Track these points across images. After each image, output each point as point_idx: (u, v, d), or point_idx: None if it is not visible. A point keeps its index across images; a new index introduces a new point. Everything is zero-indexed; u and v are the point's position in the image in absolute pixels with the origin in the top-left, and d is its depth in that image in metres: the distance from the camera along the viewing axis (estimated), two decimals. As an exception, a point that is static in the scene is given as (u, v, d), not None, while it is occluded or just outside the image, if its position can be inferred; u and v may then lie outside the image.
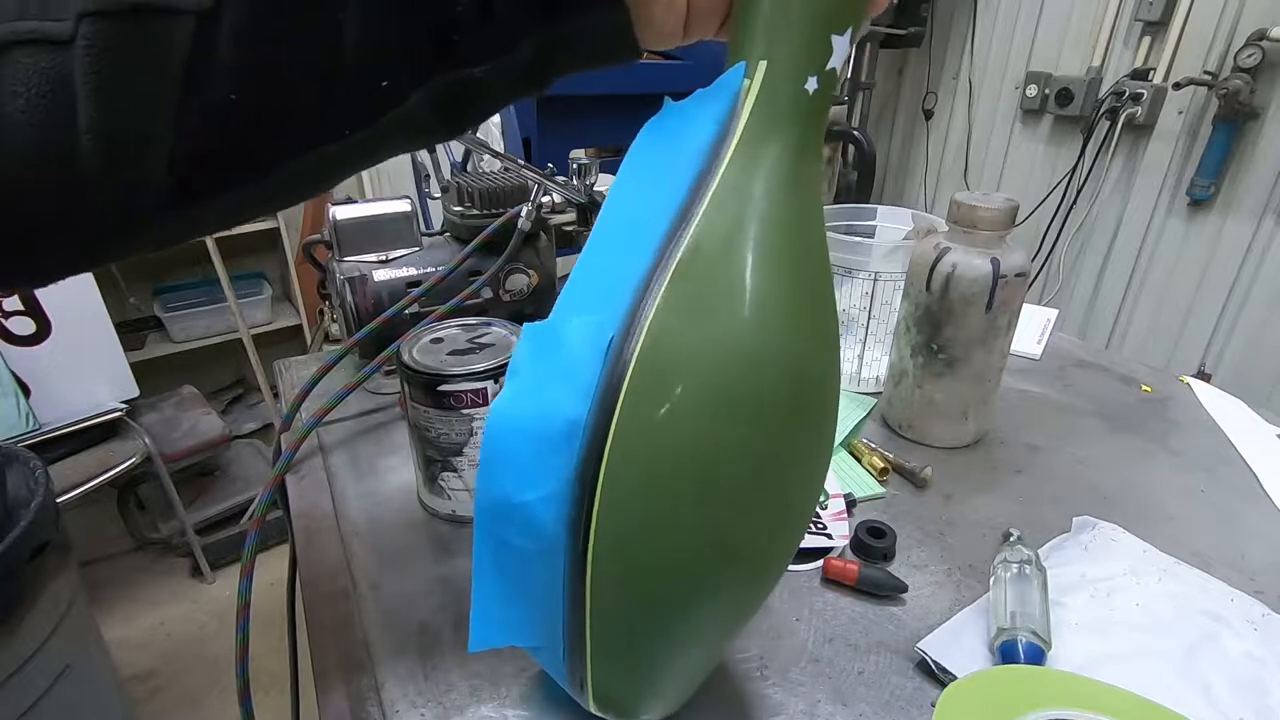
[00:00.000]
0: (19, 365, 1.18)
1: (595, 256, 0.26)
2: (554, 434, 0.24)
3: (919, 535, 0.47)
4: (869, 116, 2.05)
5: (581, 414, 0.24)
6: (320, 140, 0.22)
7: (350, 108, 0.22)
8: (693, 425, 0.23)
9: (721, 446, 0.24)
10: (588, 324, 0.24)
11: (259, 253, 2.09)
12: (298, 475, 0.53)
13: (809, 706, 0.35)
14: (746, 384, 0.24)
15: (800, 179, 0.25)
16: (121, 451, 1.35)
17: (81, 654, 0.91)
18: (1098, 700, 0.31)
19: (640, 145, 0.26)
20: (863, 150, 0.87)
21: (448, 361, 0.44)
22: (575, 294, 0.26)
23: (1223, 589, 0.41)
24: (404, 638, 0.39)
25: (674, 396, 0.23)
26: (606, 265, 0.26)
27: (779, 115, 0.25)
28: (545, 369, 0.25)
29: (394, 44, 0.21)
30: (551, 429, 0.24)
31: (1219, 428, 0.60)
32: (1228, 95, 1.30)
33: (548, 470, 0.24)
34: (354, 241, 0.62)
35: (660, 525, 0.24)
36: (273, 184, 0.23)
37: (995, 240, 0.50)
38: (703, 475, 0.24)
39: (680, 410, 0.23)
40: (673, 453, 0.23)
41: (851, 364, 0.64)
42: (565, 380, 0.24)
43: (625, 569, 0.25)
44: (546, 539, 0.25)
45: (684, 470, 0.24)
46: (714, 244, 0.24)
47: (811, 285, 0.26)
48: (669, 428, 0.23)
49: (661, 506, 0.24)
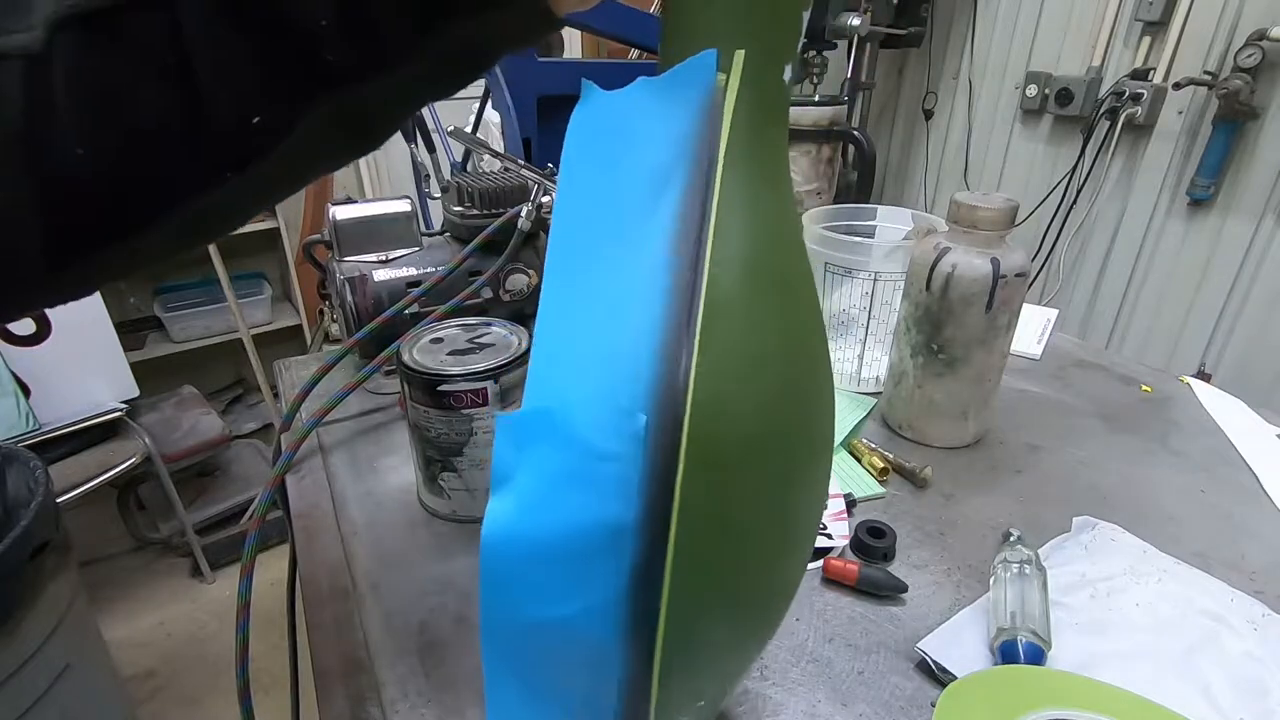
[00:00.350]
0: (19, 365, 1.18)
1: (568, 309, 0.21)
2: (592, 547, 0.20)
3: (919, 535, 0.47)
4: (869, 116, 2.05)
5: (629, 517, 0.20)
6: (198, 187, 0.20)
7: (222, 149, 0.20)
8: (761, 488, 0.22)
9: (790, 503, 0.23)
10: (602, 409, 0.20)
11: (259, 253, 2.09)
12: (298, 475, 0.53)
13: (809, 706, 0.35)
14: (803, 429, 0.22)
15: (788, 185, 0.23)
16: (121, 451, 1.35)
17: (81, 654, 0.91)
18: (1098, 700, 0.31)
19: (581, 156, 0.21)
20: (863, 150, 0.86)
21: (448, 361, 0.44)
22: (555, 366, 0.20)
23: (1223, 589, 0.41)
24: (404, 638, 0.39)
25: (739, 468, 0.21)
26: (589, 320, 0.21)
27: (765, 112, 0.21)
28: (550, 472, 0.20)
29: (253, 75, 0.19)
30: (587, 542, 0.20)
31: (1219, 428, 0.60)
32: (1228, 95, 1.30)
33: (587, 584, 0.21)
34: (354, 241, 0.62)
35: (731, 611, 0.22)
36: (159, 236, 0.21)
37: (995, 240, 0.50)
38: (779, 536, 0.23)
39: (750, 479, 0.21)
40: (749, 526, 0.22)
41: (851, 364, 0.64)
42: (589, 482, 0.20)
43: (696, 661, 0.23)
44: (592, 649, 0.22)
45: (762, 539, 0.22)
46: (733, 278, 0.21)
47: (812, 305, 0.24)
48: (741, 500, 0.21)
49: (736, 585, 0.22)
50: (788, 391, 0.22)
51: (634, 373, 0.20)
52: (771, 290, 0.22)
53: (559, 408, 0.20)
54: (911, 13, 1.76)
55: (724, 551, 0.22)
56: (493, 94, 0.79)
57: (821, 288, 0.62)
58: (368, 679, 0.36)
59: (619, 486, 0.20)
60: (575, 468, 0.20)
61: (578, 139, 0.21)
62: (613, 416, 0.19)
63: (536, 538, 0.20)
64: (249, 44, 0.18)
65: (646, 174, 0.21)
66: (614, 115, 0.21)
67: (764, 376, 0.21)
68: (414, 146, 1.02)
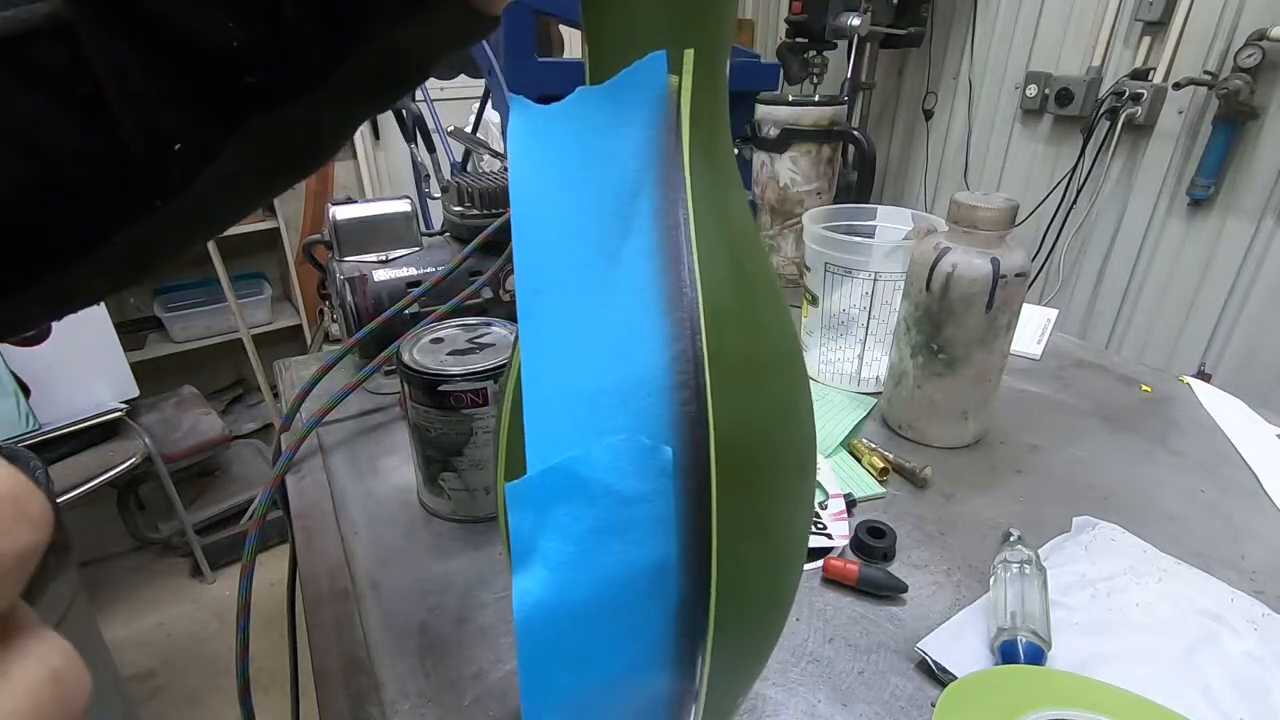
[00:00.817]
0: (19, 365, 1.18)
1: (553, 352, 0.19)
2: (637, 593, 0.20)
3: (919, 535, 0.47)
4: (869, 116, 2.05)
5: (671, 553, 0.19)
6: (127, 218, 0.19)
7: (146, 178, 0.19)
8: (779, 499, 0.22)
9: (799, 511, 0.23)
10: (621, 451, 0.18)
11: (259, 253, 2.09)
12: (298, 475, 0.53)
13: (809, 706, 0.35)
14: (801, 429, 0.23)
15: (738, 178, 0.23)
16: (121, 451, 1.35)
17: (81, 654, 0.91)
18: (1098, 700, 0.31)
19: (533, 181, 0.19)
20: (863, 150, 0.86)
21: (448, 361, 0.44)
22: (554, 417, 0.19)
23: (1223, 589, 0.41)
24: (404, 638, 0.39)
25: (761, 483, 0.21)
26: (581, 360, 0.19)
27: (715, 111, 0.21)
28: (580, 531, 0.19)
29: (167, 102, 0.18)
30: (631, 590, 0.19)
31: (1219, 428, 0.60)
32: (1228, 95, 1.30)
33: (634, 633, 0.20)
34: (354, 241, 0.62)
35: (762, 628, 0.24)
36: (96, 269, 0.20)
37: (995, 240, 0.50)
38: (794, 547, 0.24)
39: (770, 491, 0.22)
40: (773, 538, 0.22)
41: (851, 364, 0.64)
42: (624, 530, 0.19)
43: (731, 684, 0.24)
44: (639, 694, 0.22)
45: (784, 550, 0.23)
46: (724, 289, 0.20)
47: (778, 299, 0.24)
48: (766, 515, 0.22)
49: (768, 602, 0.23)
50: (785, 395, 0.22)
51: (645, 406, 0.19)
52: (753, 293, 0.22)
53: (573, 460, 0.18)
54: (911, 13, 1.76)
55: (759, 569, 0.22)
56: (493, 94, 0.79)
57: (821, 288, 0.62)
58: (368, 679, 0.36)
59: (655, 525, 0.19)
60: (607, 519, 0.19)
61: (523, 163, 0.19)
62: (635, 455, 0.18)
63: (576, 603, 0.19)
64: (158, 71, 0.17)
65: (611, 192, 0.19)
66: (558, 132, 0.19)
67: (767, 386, 0.22)
68: (414, 146, 1.02)
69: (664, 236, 0.20)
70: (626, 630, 0.20)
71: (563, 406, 0.19)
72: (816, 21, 1.38)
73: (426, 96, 1.05)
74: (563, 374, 0.19)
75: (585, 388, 0.19)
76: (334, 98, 0.20)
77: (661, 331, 0.19)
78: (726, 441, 0.20)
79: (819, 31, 1.39)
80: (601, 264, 0.19)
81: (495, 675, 0.37)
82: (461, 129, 0.91)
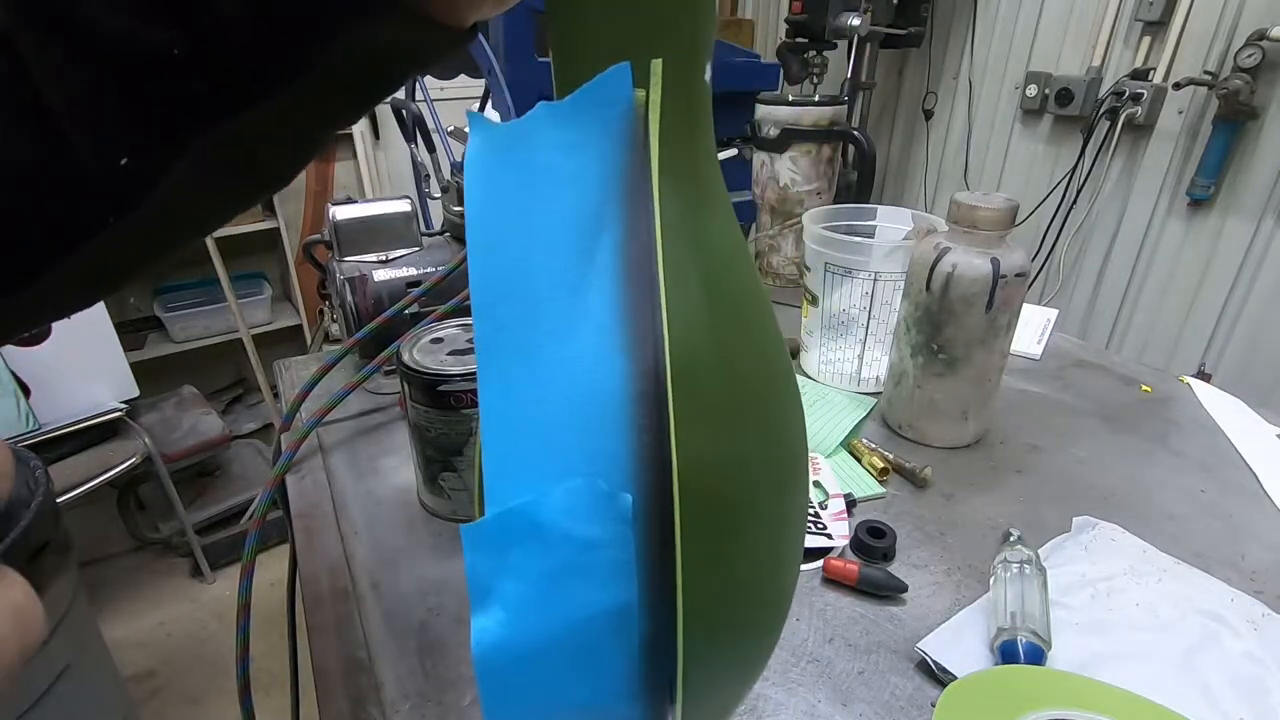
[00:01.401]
0: (19, 365, 1.18)
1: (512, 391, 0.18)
2: (597, 635, 0.19)
3: (919, 535, 0.47)
4: (869, 116, 2.05)
5: (631, 597, 0.19)
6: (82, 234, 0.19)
7: (96, 193, 0.18)
8: (758, 525, 0.21)
9: (784, 527, 0.23)
10: (579, 496, 0.18)
11: (259, 253, 2.09)
12: (298, 475, 0.53)
13: (809, 706, 0.35)
14: (787, 450, 0.22)
15: (723, 190, 0.21)
16: (121, 451, 1.35)
17: (81, 654, 0.91)
18: (1098, 700, 0.31)
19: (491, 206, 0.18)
20: (863, 150, 0.86)
21: (448, 362, 0.44)
22: (511, 458, 0.18)
23: (1223, 589, 0.41)
24: (404, 638, 0.39)
25: (733, 518, 0.20)
26: (539, 400, 0.18)
27: (694, 122, 0.19)
28: (537, 573, 0.18)
29: (111, 114, 0.17)
30: (591, 632, 0.19)
31: (1219, 428, 0.60)
32: (1228, 95, 1.30)
33: (596, 671, 0.20)
34: (354, 241, 0.62)
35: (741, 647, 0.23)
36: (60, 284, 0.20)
37: (995, 240, 0.50)
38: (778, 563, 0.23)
39: (744, 523, 0.21)
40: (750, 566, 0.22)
41: (851, 364, 0.64)
42: (583, 574, 0.19)
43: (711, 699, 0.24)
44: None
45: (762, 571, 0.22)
46: (694, 320, 0.19)
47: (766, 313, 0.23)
48: (740, 547, 0.21)
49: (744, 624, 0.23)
50: (770, 420, 0.22)
51: (604, 448, 0.18)
52: (734, 319, 0.21)
53: (530, 504, 0.18)
54: (911, 13, 1.76)
55: (731, 598, 0.21)
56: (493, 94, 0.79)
57: (821, 288, 0.62)
58: (368, 679, 0.36)
59: (616, 569, 0.19)
60: (565, 563, 0.18)
61: (481, 185, 0.18)
62: (593, 501, 0.18)
63: (535, 642, 0.18)
64: (99, 80, 0.17)
65: (574, 217, 0.18)
66: (519, 151, 0.18)
67: (744, 417, 0.21)
68: (414, 146, 1.02)
69: (629, 267, 0.18)
70: (590, 667, 0.20)
71: (521, 447, 0.18)
72: (816, 21, 1.38)
73: (426, 96, 1.05)
74: (521, 413, 0.18)
75: (544, 428, 0.18)
76: (291, 108, 0.19)
77: (623, 370, 0.18)
78: (695, 483, 0.19)
79: (819, 31, 1.39)
80: (564, 296, 0.18)
81: (495, 675, 0.36)
82: (462, 129, 0.91)
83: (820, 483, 0.51)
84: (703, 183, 0.20)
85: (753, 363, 0.21)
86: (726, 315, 0.20)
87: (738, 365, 0.21)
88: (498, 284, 0.18)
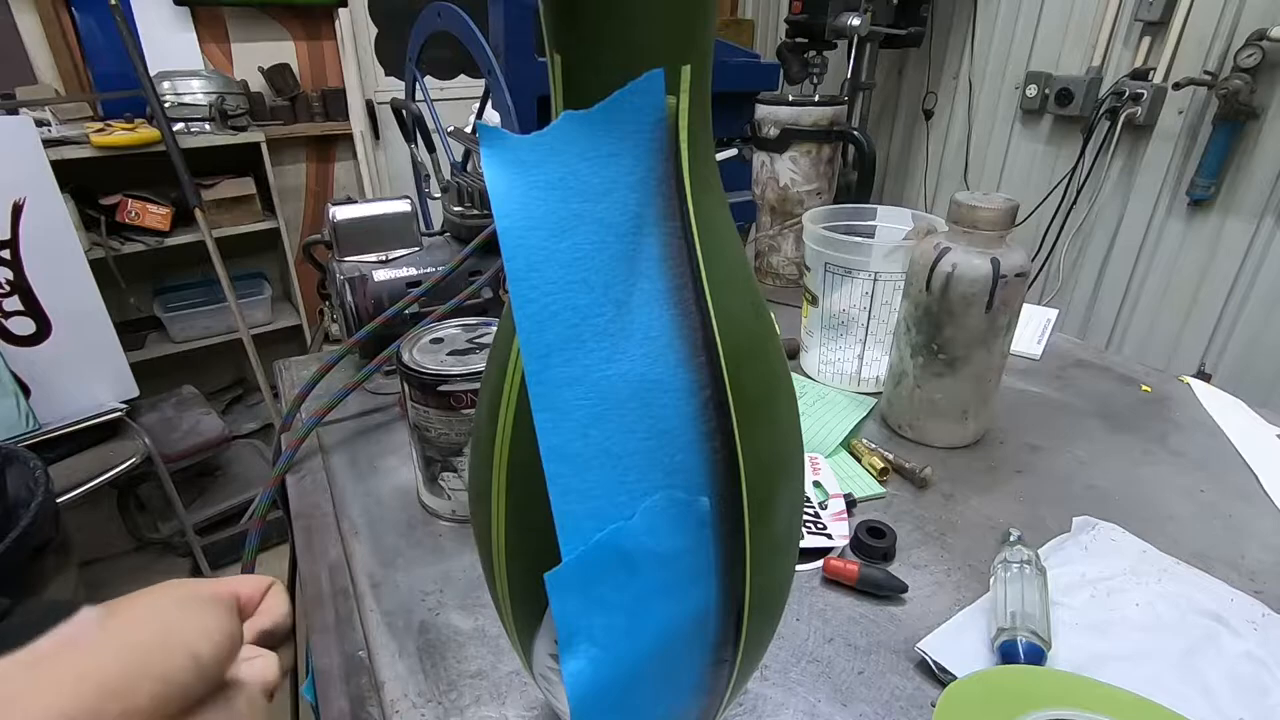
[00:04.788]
0: (19, 365, 1.18)
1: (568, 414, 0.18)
2: (682, 641, 0.20)
3: (919, 535, 0.47)
4: (869, 116, 2.05)
5: (710, 598, 0.20)
6: None
7: None
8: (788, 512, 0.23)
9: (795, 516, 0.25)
10: (657, 509, 0.18)
11: (259, 253, 2.09)
12: (298, 475, 0.53)
13: (809, 706, 0.35)
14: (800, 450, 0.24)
15: (722, 191, 0.22)
16: (121, 451, 1.35)
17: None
18: (1098, 700, 0.31)
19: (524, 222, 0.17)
20: (863, 150, 0.86)
21: (448, 362, 0.44)
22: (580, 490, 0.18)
23: (1223, 589, 0.41)
24: (404, 638, 0.39)
25: (778, 506, 0.22)
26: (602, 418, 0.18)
27: (706, 129, 0.19)
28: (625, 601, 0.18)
29: None
30: (678, 640, 0.20)
31: (1219, 428, 0.60)
32: (1228, 95, 1.30)
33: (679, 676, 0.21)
34: (354, 241, 0.62)
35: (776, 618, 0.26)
36: None
37: (995, 240, 0.50)
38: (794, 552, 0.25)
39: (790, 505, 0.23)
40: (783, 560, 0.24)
41: (851, 364, 0.64)
42: (668, 588, 0.19)
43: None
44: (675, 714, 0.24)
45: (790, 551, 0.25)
46: (738, 322, 0.20)
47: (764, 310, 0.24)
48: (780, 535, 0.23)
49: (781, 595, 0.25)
50: (782, 414, 0.23)
51: (678, 461, 0.18)
52: (749, 314, 0.21)
53: (611, 535, 0.17)
54: (911, 13, 1.76)
55: (776, 583, 0.24)
56: (493, 94, 0.79)
57: (821, 288, 0.62)
58: (368, 679, 0.36)
59: (696, 575, 0.19)
60: (651, 582, 0.18)
61: (510, 205, 0.17)
62: (673, 512, 0.18)
63: (627, 668, 0.19)
64: None
65: (613, 230, 0.18)
66: (546, 165, 0.17)
67: (777, 412, 0.22)
68: (414, 146, 1.02)
69: (673, 274, 0.18)
70: (672, 675, 0.21)
71: (590, 477, 0.18)
72: (816, 21, 1.38)
73: (426, 96, 1.05)
74: (585, 441, 0.17)
75: (612, 453, 0.18)
76: None
77: (684, 379, 0.18)
78: (753, 477, 0.20)
79: (819, 31, 1.39)
80: (610, 311, 0.18)
81: (495, 675, 0.37)
82: (461, 129, 0.91)
83: (820, 483, 0.51)
84: (713, 188, 0.20)
85: (766, 358, 0.22)
86: (746, 312, 0.21)
87: (761, 361, 0.21)
88: (541, 308, 0.17)
